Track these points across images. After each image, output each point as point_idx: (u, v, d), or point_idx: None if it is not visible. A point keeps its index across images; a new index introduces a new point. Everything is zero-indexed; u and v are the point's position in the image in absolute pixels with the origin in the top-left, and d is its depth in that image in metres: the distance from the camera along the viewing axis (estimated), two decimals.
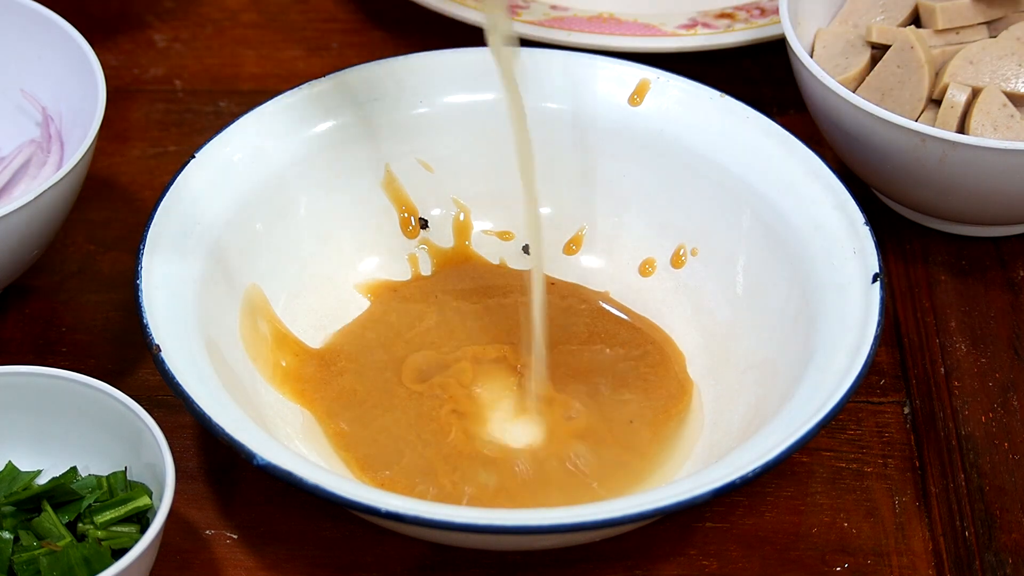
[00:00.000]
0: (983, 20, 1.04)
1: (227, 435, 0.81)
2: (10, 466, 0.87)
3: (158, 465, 0.83)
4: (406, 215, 1.01)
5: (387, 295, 0.99)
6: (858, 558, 0.87)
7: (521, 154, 0.91)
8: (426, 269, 1.01)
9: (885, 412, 0.95)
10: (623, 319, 0.98)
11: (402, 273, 1.00)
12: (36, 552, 0.81)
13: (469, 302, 0.98)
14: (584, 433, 0.91)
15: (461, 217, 1.02)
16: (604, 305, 0.99)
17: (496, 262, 1.01)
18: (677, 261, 0.99)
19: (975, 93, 0.99)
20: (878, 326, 0.86)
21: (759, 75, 1.15)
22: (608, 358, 0.95)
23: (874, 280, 0.89)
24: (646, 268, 1.00)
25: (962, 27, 1.03)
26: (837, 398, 0.83)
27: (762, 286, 0.95)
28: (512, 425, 0.92)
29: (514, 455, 0.90)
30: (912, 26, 1.04)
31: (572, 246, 1.01)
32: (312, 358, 0.95)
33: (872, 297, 0.88)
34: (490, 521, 0.78)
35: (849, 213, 0.92)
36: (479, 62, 1.00)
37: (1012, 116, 0.98)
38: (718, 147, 0.98)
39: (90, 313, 1.00)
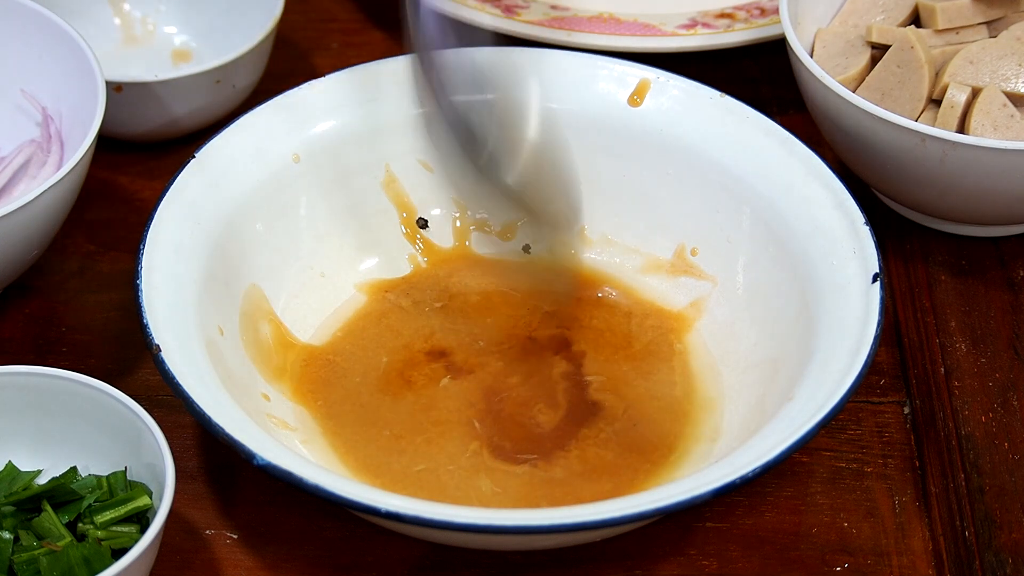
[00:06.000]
0: (983, 20, 1.03)
1: (227, 435, 0.81)
2: (10, 466, 0.86)
3: (158, 465, 0.83)
4: (406, 215, 1.01)
5: (387, 294, 0.99)
6: (858, 558, 0.87)
7: None
8: (426, 269, 1.01)
9: (885, 412, 0.95)
10: (623, 319, 0.98)
11: (402, 273, 1.00)
12: (36, 552, 0.81)
13: (469, 302, 0.98)
14: (586, 434, 0.91)
15: (461, 217, 1.02)
16: (604, 305, 0.99)
17: (495, 262, 1.01)
18: (677, 261, 0.99)
19: (975, 93, 0.99)
20: (878, 326, 0.86)
21: (759, 75, 1.15)
22: (610, 358, 0.95)
23: (874, 280, 0.89)
24: (646, 268, 1.00)
25: (962, 27, 1.03)
26: (837, 398, 0.83)
27: (762, 286, 0.95)
28: (513, 425, 0.92)
29: (516, 456, 0.90)
30: (912, 26, 1.04)
31: (572, 246, 1.01)
32: (312, 358, 0.95)
33: (872, 297, 0.88)
34: (490, 521, 0.78)
35: (849, 213, 0.92)
36: (479, 62, 1.00)
37: (1012, 116, 0.98)
38: (718, 147, 0.98)
39: (90, 313, 1.00)
